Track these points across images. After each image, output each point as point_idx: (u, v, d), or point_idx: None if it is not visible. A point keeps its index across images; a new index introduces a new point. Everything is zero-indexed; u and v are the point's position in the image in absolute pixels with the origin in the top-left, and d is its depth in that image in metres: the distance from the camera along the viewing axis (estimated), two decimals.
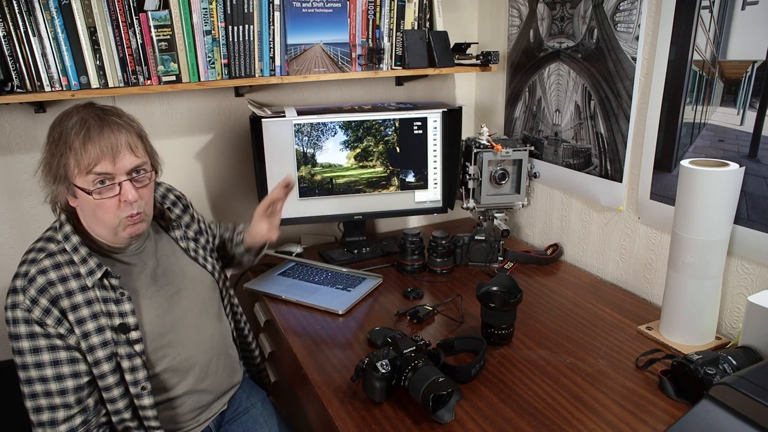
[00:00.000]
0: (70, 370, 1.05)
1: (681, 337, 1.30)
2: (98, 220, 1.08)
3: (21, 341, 1.03)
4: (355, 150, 1.81)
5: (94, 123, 1.04)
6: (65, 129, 1.04)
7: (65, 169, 1.04)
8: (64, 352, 1.05)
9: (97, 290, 1.08)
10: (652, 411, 1.09)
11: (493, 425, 1.06)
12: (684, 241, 1.25)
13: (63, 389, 1.04)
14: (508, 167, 1.82)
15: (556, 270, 1.76)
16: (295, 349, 1.35)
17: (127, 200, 1.06)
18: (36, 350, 1.03)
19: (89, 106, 1.09)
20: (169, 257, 1.24)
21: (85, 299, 1.06)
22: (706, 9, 1.27)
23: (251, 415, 1.35)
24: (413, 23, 1.81)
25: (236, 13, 1.58)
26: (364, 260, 1.85)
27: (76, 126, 1.03)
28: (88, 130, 1.03)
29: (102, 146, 1.03)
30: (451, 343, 1.29)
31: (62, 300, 1.04)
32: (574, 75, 1.67)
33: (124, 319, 1.09)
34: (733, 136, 1.26)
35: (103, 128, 1.04)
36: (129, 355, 1.09)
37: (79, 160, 1.02)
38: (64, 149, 1.03)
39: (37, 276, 1.04)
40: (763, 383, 0.81)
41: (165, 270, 1.22)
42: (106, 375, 1.08)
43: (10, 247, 1.64)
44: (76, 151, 1.02)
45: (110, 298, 1.09)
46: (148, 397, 1.12)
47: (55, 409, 1.05)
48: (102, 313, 1.08)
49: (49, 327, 1.03)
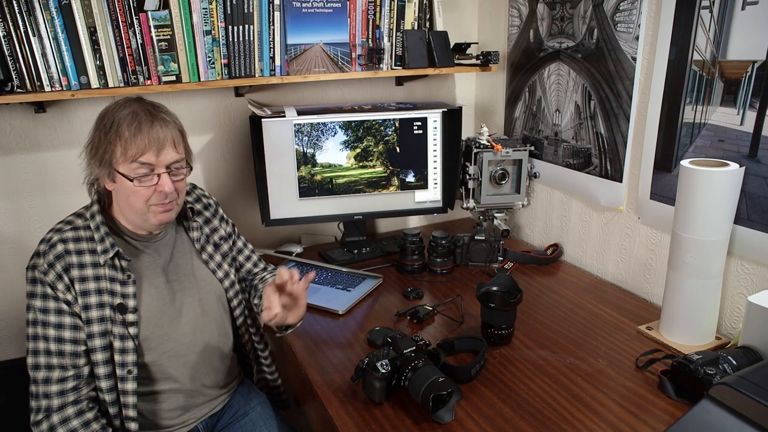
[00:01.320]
0: (71, 335, 1.11)
1: (681, 337, 1.30)
2: (130, 206, 1.14)
3: (35, 299, 1.11)
4: (355, 150, 1.81)
5: (145, 117, 1.11)
6: (117, 118, 1.11)
7: (111, 155, 1.10)
8: (68, 317, 1.11)
9: (108, 269, 1.14)
10: (652, 411, 1.09)
11: (493, 425, 1.06)
12: (684, 241, 1.25)
13: (60, 351, 1.11)
14: (508, 167, 1.82)
15: (556, 270, 1.76)
16: (295, 348, 1.35)
17: (163, 191, 1.13)
18: (45, 310, 1.11)
19: (140, 100, 1.16)
20: (183, 255, 1.28)
21: (94, 274, 1.13)
22: (706, 9, 1.27)
23: (250, 419, 1.35)
24: (413, 23, 1.81)
25: (236, 13, 1.58)
26: (364, 260, 1.85)
27: (128, 117, 1.10)
28: (139, 122, 1.10)
29: (150, 139, 1.10)
30: (451, 343, 1.29)
31: (73, 269, 1.12)
32: (574, 75, 1.67)
33: (125, 300, 1.15)
34: (733, 136, 1.26)
35: (153, 122, 1.12)
36: (122, 336, 1.14)
37: (127, 148, 1.09)
38: (114, 137, 1.10)
39: (57, 244, 1.12)
40: (763, 383, 0.81)
41: (176, 266, 1.25)
42: (96, 350, 1.12)
43: (10, 247, 1.64)
44: (125, 140, 1.09)
45: (117, 278, 1.15)
46: (132, 382, 1.15)
47: (51, 368, 1.11)
48: (106, 291, 1.14)
49: (59, 291, 1.10)
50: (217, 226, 1.37)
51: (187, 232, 1.31)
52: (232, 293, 1.34)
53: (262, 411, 1.37)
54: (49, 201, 1.66)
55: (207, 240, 1.33)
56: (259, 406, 1.38)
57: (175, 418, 1.25)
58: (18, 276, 1.66)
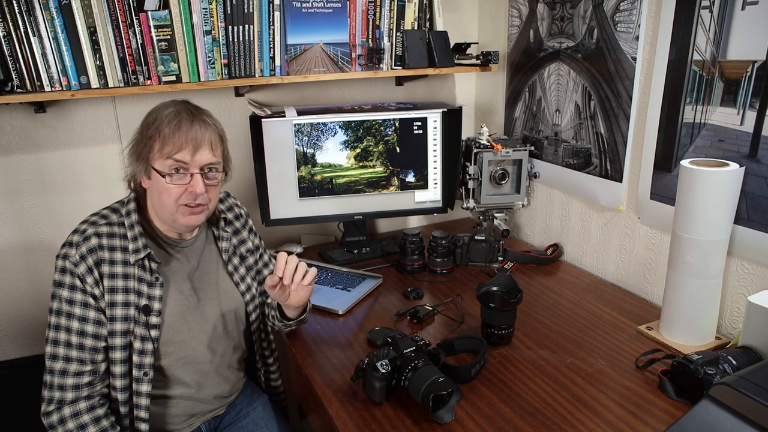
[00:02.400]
0: (93, 330, 1.11)
1: (681, 337, 1.30)
2: (162, 203, 1.14)
3: (62, 289, 1.11)
4: (355, 150, 1.81)
5: (186, 116, 1.13)
6: (160, 116, 1.13)
7: (149, 150, 1.12)
8: (93, 312, 1.12)
9: (137, 269, 1.15)
10: (652, 411, 1.09)
11: (493, 425, 1.06)
12: (684, 241, 1.25)
13: (81, 344, 1.11)
14: (508, 167, 1.82)
15: (556, 270, 1.76)
16: (295, 348, 1.35)
17: (194, 191, 1.13)
18: (71, 301, 1.11)
19: (186, 102, 1.18)
20: (210, 264, 1.28)
21: (123, 272, 1.14)
22: (706, 9, 1.27)
23: (252, 419, 1.35)
24: (413, 23, 1.81)
25: (236, 13, 1.58)
26: (364, 260, 1.85)
27: (170, 115, 1.12)
28: (180, 121, 1.12)
29: (188, 137, 1.11)
30: (451, 343, 1.29)
31: (104, 265, 1.12)
32: (574, 75, 1.67)
33: (151, 302, 1.15)
34: (733, 136, 1.26)
35: (194, 122, 1.13)
36: (143, 338, 1.14)
37: (164, 144, 1.11)
38: (154, 133, 1.12)
39: (92, 237, 1.13)
40: (763, 383, 0.81)
41: (202, 274, 1.26)
42: (116, 349, 1.12)
43: (10, 247, 1.64)
44: (164, 136, 1.11)
45: (145, 279, 1.15)
46: (147, 384, 1.15)
47: (69, 360, 1.11)
48: (133, 290, 1.14)
49: (87, 285, 1.11)
50: (245, 238, 1.37)
51: (217, 241, 1.30)
52: (251, 307, 1.34)
53: (263, 411, 1.37)
54: (49, 201, 1.65)
55: (234, 251, 1.33)
56: (260, 407, 1.38)
57: (181, 422, 1.26)
58: (18, 276, 1.66)
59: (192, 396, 1.24)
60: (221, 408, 1.33)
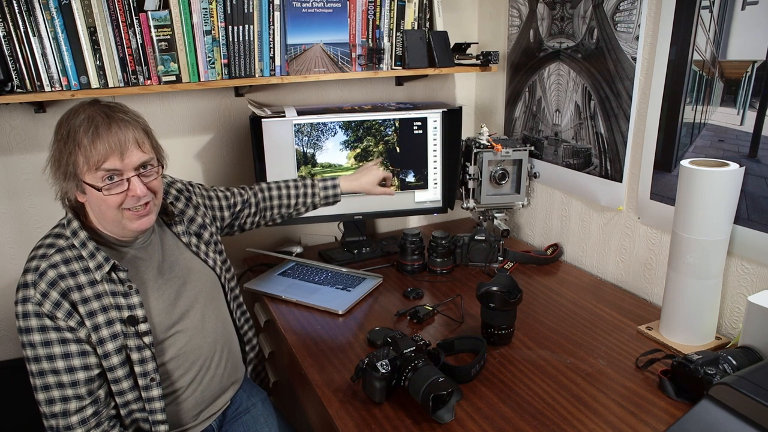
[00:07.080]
0: (80, 362, 1.06)
1: (681, 337, 1.30)
2: (104, 215, 1.09)
3: (32, 334, 1.04)
4: (355, 150, 1.81)
5: (101, 120, 1.05)
6: (73, 126, 1.05)
7: (74, 166, 1.05)
8: (74, 345, 1.06)
9: (106, 284, 1.10)
10: (652, 411, 1.09)
11: (493, 425, 1.06)
12: (684, 241, 1.25)
13: (74, 381, 1.06)
14: (508, 167, 1.82)
15: (556, 270, 1.76)
16: (295, 349, 1.35)
17: (135, 195, 1.07)
18: (47, 343, 1.04)
19: (95, 103, 1.10)
20: (174, 251, 1.26)
21: (94, 293, 1.08)
22: (706, 9, 1.27)
23: (252, 415, 1.35)
24: (413, 23, 1.81)
25: (236, 13, 1.58)
26: (364, 260, 1.85)
27: (84, 123, 1.04)
28: (96, 127, 1.04)
29: (110, 143, 1.04)
30: (451, 343, 1.29)
31: (72, 293, 1.06)
32: (574, 75, 1.67)
33: (133, 311, 1.11)
34: (733, 136, 1.26)
35: (111, 125, 1.05)
36: (138, 347, 1.11)
37: (88, 157, 1.03)
38: (73, 147, 1.04)
39: (48, 270, 1.05)
40: (763, 383, 0.81)
41: (171, 263, 1.24)
42: (116, 367, 1.09)
43: (10, 247, 1.64)
44: (84, 148, 1.03)
45: (119, 291, 1.11)
46: (156, 389, 1.13)
47: (67, 400, 1.06)
48: (111, 306, 1.09)
49: (59, 320, 1.04)
50: (192, 216, 1.34)
51: (170, 227, 1.28)
52: (224, 279, 1.35)
53: (263, 408, 1.37)
54: (49, 201, 1.64)
55: (188, 231, 1.31)
56: (260, 403, 1.38)
57: (197, 415, 1.25)
58: (18, 276, 1.65)
59: (201, 381, 1.23)
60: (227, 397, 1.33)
